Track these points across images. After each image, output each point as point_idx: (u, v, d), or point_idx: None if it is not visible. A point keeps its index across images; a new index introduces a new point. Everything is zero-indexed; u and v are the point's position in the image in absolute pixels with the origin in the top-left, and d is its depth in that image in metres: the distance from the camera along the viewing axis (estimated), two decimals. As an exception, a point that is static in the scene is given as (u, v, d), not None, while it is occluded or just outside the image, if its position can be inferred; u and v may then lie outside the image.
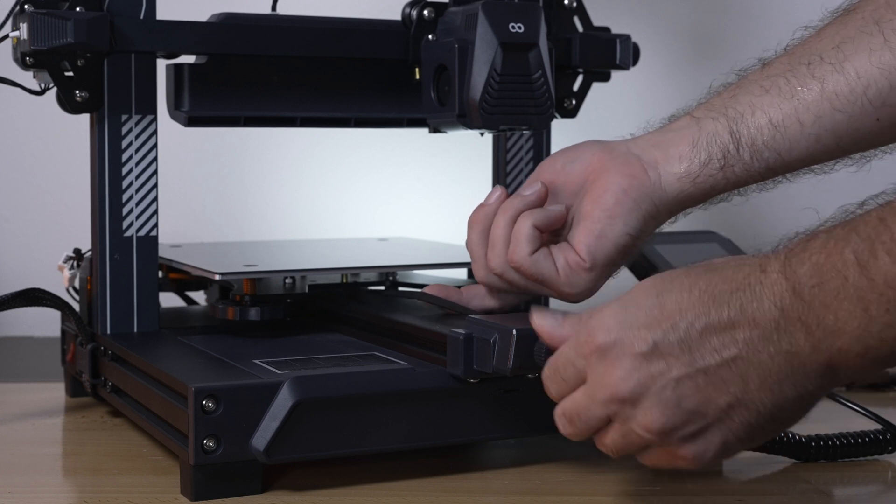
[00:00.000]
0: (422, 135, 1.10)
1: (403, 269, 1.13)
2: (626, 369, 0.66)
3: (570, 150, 0.88)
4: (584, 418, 0.70)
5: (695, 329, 0.65)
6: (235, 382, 0.80)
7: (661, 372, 0.65)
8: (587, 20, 1.13)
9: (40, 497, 0.82)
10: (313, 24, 1.03)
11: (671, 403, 0.65)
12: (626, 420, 0.67)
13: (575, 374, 0.70)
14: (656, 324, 0.66)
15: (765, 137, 0.83)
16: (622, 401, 0.67)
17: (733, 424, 0.65)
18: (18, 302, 0.99)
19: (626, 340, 0.66)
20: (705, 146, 0.84)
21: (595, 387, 0.68)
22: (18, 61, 0.96)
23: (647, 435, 0.66)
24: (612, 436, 0.69)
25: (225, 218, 1.55)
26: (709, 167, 0.84)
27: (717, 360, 0.64)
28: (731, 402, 0.65)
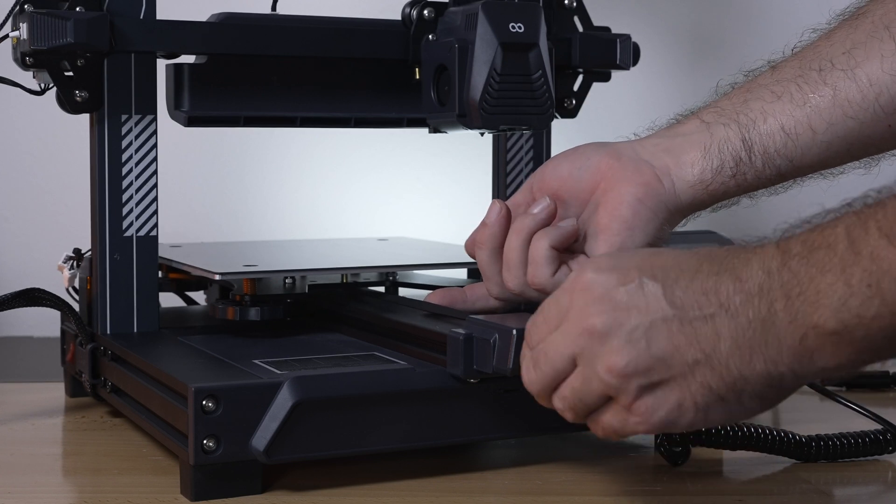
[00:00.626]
0: (422, 135, 1.10)
1: (403, 269, 1.13)
2: (606, 303, 0.65)
3: (574, 155, 0.87)
4: (551, 356, 0.68)
5: (682, 279, 0.64)
6: (235, 382, 0.80)
7: (639, 310, 0.64)
8: (587, 20, 1.13)
9: (40, 497, 0.82)
10: (313, 24, 1.03)
11: (640, 346, 0.64)
12: (590, 360, 0.66)
13: (557, 313, 0.68)
14: (648, 267, 0.66)
15: (777, 145, 0.83)
16: (591, 333, 0.65)
17: (693, 384, 0.64)
18: (18, 302, 0.99)
19: (613, 276, 0.66)
20: (717, 153, 0.83)
21: (570, 322, 0.67)
22: (18, 61, 0.96)
23: (608, 377, 0.65)
24: (570, 382, 0.68)
25: (225, 218, 1.55)
26: (721, 174, 0.84)
27: (695, 313, 0.63)
28: (699, 359, 0.63)
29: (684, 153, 0.84)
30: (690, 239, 1.05)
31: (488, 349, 0.80)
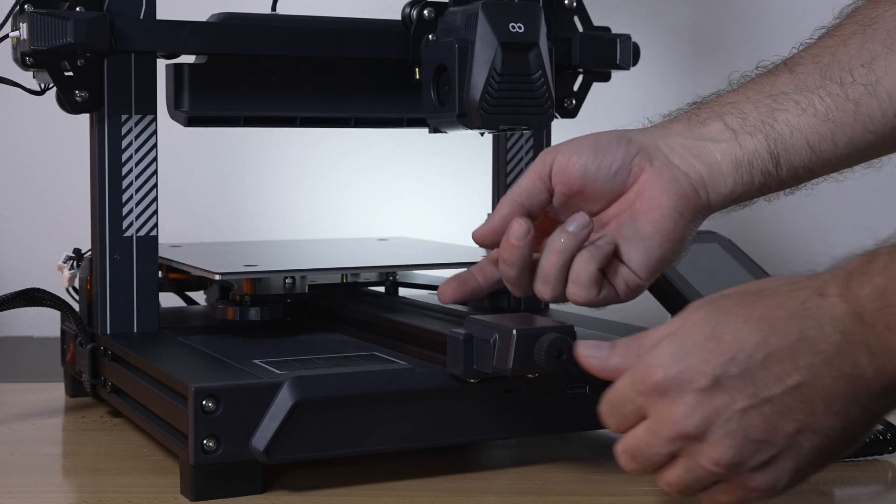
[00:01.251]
0: (422, 135, 1.10)
1: (403, 269, 1.13)
2: (689, 405, 0.65)
3: (596, 148, 0.83)
4: (647, 455, 0.68)
5: (755, 360, 0.64)
6: (235, 382, 0.80)
7: (726, 405, 0.65)
8: (587, 20, 1.13)
9: (40, 497, 0.82)
10: (313, 24, 1.03)
11: (738, 435, 0.65)
12: (692, 455, 0.66)
13: (634, 411, 0.69)
14: (715, 357, 0.65)
15: (802, 159, 0.84)
16: (688, 437, 0.66)
17: (803, 450, 0.65)
18: (18, 302, 0.99)
19: (685, 376, 0.65)
20: (748, 168, 0.83)
21: (658, 424, 0.67)
22: (18, 61, 0.96)
23: (717, 469, 0.66)
24: (676, 472, 0.68)
25: (225, 218, 1.55)
26: (750, 187, 0.84)
27: (780, 389, 0.64)
28: (799, 428, 0.64)
29: (716, 164, 0.83)
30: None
31: (488, 349, 0.80)
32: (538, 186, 0.84)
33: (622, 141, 0.83)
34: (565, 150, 0.84)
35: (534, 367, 0.79)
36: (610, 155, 0.83)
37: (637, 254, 0.82)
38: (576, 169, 0.83)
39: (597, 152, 0.83)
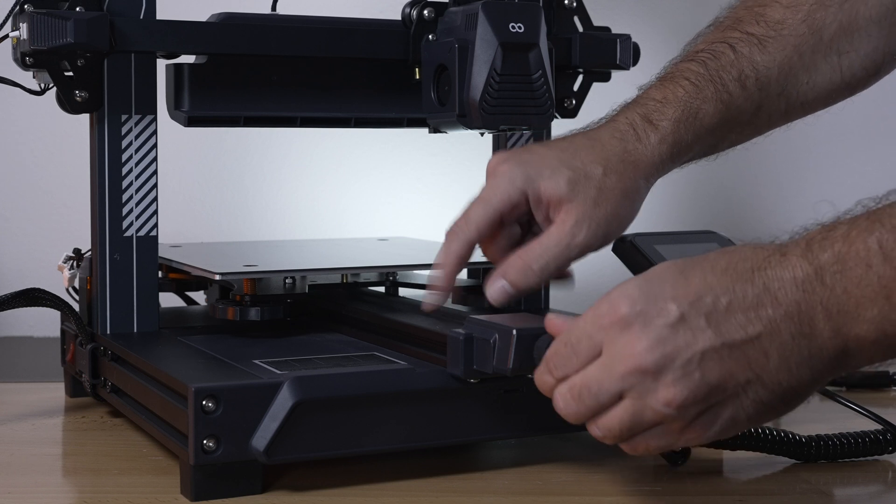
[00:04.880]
0: (422, 135, 1.10)
1: (403, 269, 1.13)
2: (652, 340, 0.65)
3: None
4: (594, 392, 0.68)
5: (721, 304, 0.65)
6: (235, 382, 0.80)
7: (688, 344, 0.65)
8: (587, 20, 1.13)
9: (40, 497, 0.82)
10: (313, 24, 1.03)
11: (695, 377, 0.65)
12: (642, 395, 0.66)
13: (590, 347, 0.68)
14: (682, 296, 0.66)
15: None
16: (644, 372, 0.66)
17: (746, 401, 0.66)
18: (18, 302, 0.99)
19: (651, 311, 0.66)
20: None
21: (614, 359, 0.67)
22: (18, 61, 0.96)
23: (665, 409, 0.66)
24: (619, 414, 0.68)
25: (225, 218, 1.55)
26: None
27: (741, 336, 0.65)
28: (750, 379, 0.65)
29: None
30: (690, 239, 1.05)
31: (488, 349, 0.80)
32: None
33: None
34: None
35: (534, 367, 0.79)
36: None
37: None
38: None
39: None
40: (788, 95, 0.91)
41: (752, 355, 0.65)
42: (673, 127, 0.87)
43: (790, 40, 0.90)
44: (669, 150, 0.86)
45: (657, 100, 0.88)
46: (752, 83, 0.89)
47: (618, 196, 0.84)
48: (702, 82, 0.88)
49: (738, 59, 0.89)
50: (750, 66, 0.89)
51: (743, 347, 0.65)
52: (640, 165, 0.85)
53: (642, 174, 0.86)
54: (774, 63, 0.89)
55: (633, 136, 0.86)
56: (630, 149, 0.86)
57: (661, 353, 0.65)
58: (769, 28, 0.90)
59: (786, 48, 0.90)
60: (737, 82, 0.88)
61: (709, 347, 0.65)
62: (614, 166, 0.85)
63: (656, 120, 0.87)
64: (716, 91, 0.88)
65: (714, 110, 0.88)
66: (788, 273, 0.64)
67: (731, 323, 0.65)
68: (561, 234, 0.83)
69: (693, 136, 0.87)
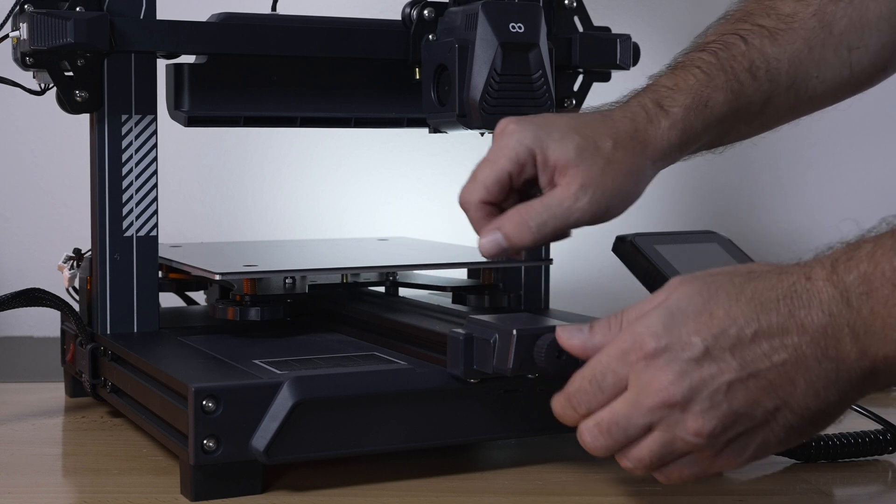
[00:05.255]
0: (422, 135, 1.10)
1: (403, 269, 1.13)
2: (677, 373, 0.66)
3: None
4: (622, 427, 0.68)
5: (745, 335, 0.65)
6: (235, 382, 0.80)
7: (713, 376, 0.65)
8: (587, 20, 1.13)
9: (40, 497, 0.82)
10: (313, 24, 1.03)
11: (722, 407, 0.65)
12: (671, 427, 0.67)
13: (615, 383, 0.69)
14: (706, 329, 0.66)
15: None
16: (672, 406, 0.66)
17: (776, 426, 0.66)
18: (18, 302, 0.99)
19: (676, 346, 0.66)
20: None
21: (640, 394, 0.67)
22: (18, 61, 0.96)
23: (695, 440, 0.66)
24: (649, 446, 0.68)
25: (225, 218, 1.55)
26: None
27: (766, 365, 0.65)
28: (778, 405, 0.65)
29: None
30: (690, 239, 1.05)
31: (488, 349, 0.80)
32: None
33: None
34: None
35: (534, 367, 0.79)
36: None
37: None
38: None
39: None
40: (798, 89, 0.91)
41: (778, 383, 0.65)
42: (683, 113, 0.86)
43: (801, 33, 0.90)
44: (679, 136, 0.86)
45: (668, 87, 0.88)
46: (763, 74, 0.89)
47: (624, 171, 0.83)
48: (713, 71, 0.88)
49: (749, 50, 0.89)
50: (761, 58, 0.89)
51: (769, 376, 0.65)
52: (649, 147, 0.85)
53: (650, 156, 0.85)
54: (785, 55, 0.89)
55: (645, 118, 0.86)
56: (640, 129, 0.85)
57: (688, 386, 0.66)
58: (780, 21, 0.90)
59: (796, 41, 0.90)
60: (747, 72, 0.88)
61: (735, 378, 0.65)
62: (624, 142, 0.84)
63: (667, 106, 0.86)
64: (726, 80, 0.88)
65: (724, 99, 0.87)
66: (815, 297, 0.64)
67: (756, 352, 0.65)
68: (564, 195, 0.82)
69: (702, 124, 0.87)
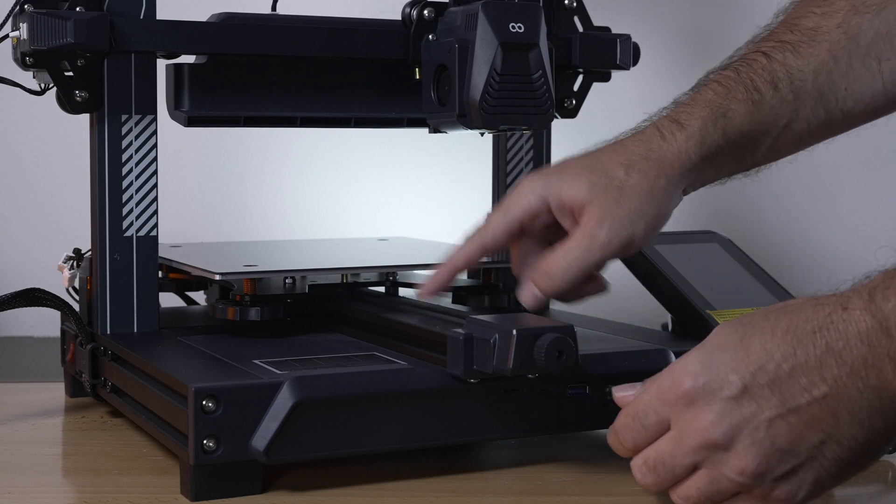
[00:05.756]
0: (422, 135, 1.10)
1: (403, 269, 1.13)
2: (717, 413, 0.66)
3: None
4: (668, 466, 0.69)
5: (783, 370, 0.65)
6: (235, 382, 0.80)
7: (753, 414, 0.65)
8: (587, 20, 1.13)
9: (40, 497, 0.82)
10: (313, 24, 1.03)
11: (765, 444, 0.65)
12: (716, 465, 0.67)
13: (657, 422, 0.69)
14: (744, 366, 0.66)
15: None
16: (714, 446, 0.66)
17: (825, 461, 0.66)
18: (18, 302, 0.99)
19: (714, 385, 0.66)
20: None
21: (683, 433, 0.67)
22: (18, 61, 0.96)
23: (741, 479, 0.66)
24: (697, 484, 0.68)
25: (225, 218, 1.55)
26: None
27: (807, 399, 0.65)
28: (823, 439, 0.65)
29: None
30: (690, 239, 1.05)
31: (488, 349, 0.80)
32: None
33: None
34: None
35: (534, 367, 0.79)
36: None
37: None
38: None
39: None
40: (827, 102, 0.89)
41: (820, 416, 0.65)
42: (700, 125, 0.86)
43: (825, 45, 0.88)
44: (697, 147, 0.85)
45: (685, 103, 0.88)
46: (786, 86, 0.88)
47: (641, 194, 0.83)
48: (732, 85, 0.87)
49: (771, 64, 0.88)
50: (783, 70, 0.88)
51: (810, 410, 0.65)
52: (665, 163, 0.85)
53: (668, 172, 0.85)
54: (809, 67, 0.88)
55: (658, 136, 0.86)
56: (654, 148, 0.85)
57: (729, 425, 0.66)
58: (803, 34, 0.89)
59: (820, 53, 0.88)
60: (769, 84, 0.87)
61: (775, 415, 0.65)
62: (637, 165, 0.84)
63: (683, 120, 0.86)
64: (746, 92, 0.87)
65: (745, 110, 0.87)
66: (853, 328, 0.64)
67: (796, 387, 0.65)
68: (582, 234, 0.83)
69: (721, 135, 0.86)
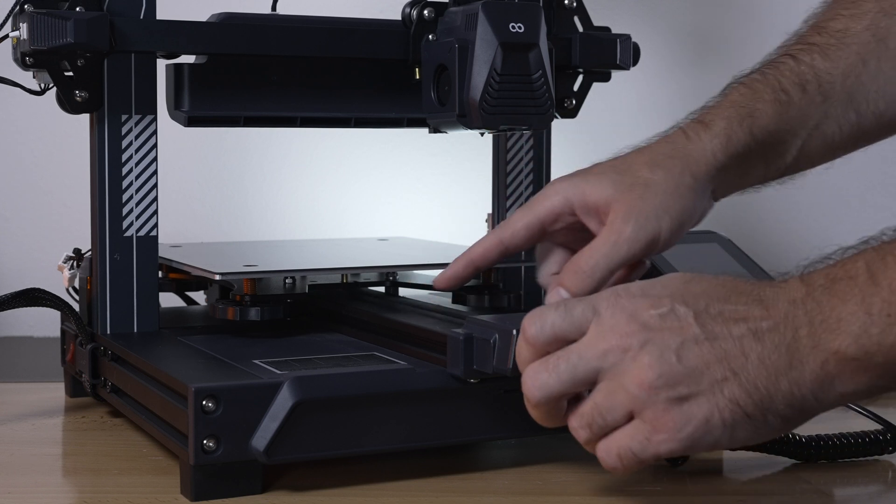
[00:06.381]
0: (422, 135, 1.10)
1: (403, 269, 1.13)
2: (638, 323, 0.68)
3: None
4: (573, 363, 0.70)
5: (713, 308, 0.68)
6: (235, 382, 0.80)
7: (671, 330, 0.67)
8: (587, 20, 1.13)
9: (40, 497, 0.82)
10: (313, 24, 1.03)
11: (670, 361, 0.67)
12: (618, 375, 0.68)
13: (580, 318, 0.70)
14: (679, 294, 0.69)
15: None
16: (624, 350, 0.68)
17: (722, 399, 0.66)
18: (18, 302, 0.99)
19: (645, 302, 0.69)
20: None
21: (599, 335, 0.69)
22: (18, 61, 0.96)
23: (637, 390, 0.67)
24: (593, 397, 0.69)
25: (225, 218, 1.55)
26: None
27: (724, 334, 0.67)
28: (727, 375, 0.66)
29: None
30: (690, 239, 1.05)
31: (488, 349, 0.80)
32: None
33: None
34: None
35: (534, 367, 0.79)
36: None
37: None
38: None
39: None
40: (857, 104, 0.89)
41: (731, 353, 0.66)
42: (725, 124, 0.86)
43: (853, 48, 0.88)
44: (723, 146, 0.85)
45: (711, 106, 0.88)
46: (814, 87, 0.88)
47: (666, 190, 0.83)
48: (758, 86, 0.87)
49: (799, 66, 0.88)
50: (811, 72, 0.88)
51: (724, 345, 0.67)
52: (691, 161, 0.85)
53: (694, 170, 0.84)
54: (838, 70, 0.88)
55: (683, 136, 0.86)
56: (679, 146, 0.85)
57: (644, 336, 0.68)
58: (831, 37, 0.89)
59: (849, 56, 0.88)
60: (797, 86, 0.87)
61: (690, 337, 0.67)
62: (661, 163, 0.84)
63: (708, 120, 0.86)
64: (773, 93, 0.87)
65: (772, 111, 0.86)
66: (784, 292, 0.67)
67: (718, 322, 0.67)
68: (609, 232, 0.83)
69: (748, 134, 0.86)
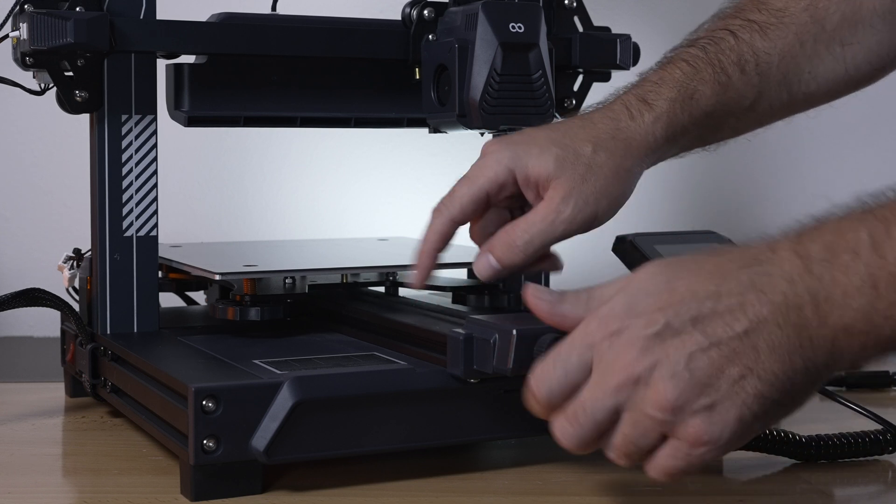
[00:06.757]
0: (422, 135, 1.10)
1: (403, 269, 1.13)
2: (639, 350, 0.65)
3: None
4: (590, 411, 0.67)
5: (706, 307, 0.65)
6: (235, 382, 0.80)
7: (676, 347, 0.65)
8: (587, 20, 1.13)
9: (40, 497, 0.82)
10: (313, 24, 1.04)
11: (684, 377, 0.64)
12: (637, 405, 0.66)
13: (579, 366, 0.68)
14: (668, 306, 0.66)
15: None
16: (635, 382, 0.65)
17: (747, 397, 0.65)
18: (18, 302, 0.99)
19: (639, 323, 0.66)
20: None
21: (605, 374, 0.66)
22: (18, 61, 0.96)
23: (660, 414, 0.65)
24: (621, 430, 0.67)
25: (225, 218, 1.55)
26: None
27: (728, 334, 0.64)
28: (744, 373, 0.64)
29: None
30: (690, 239, 1.05)
31: (488, 349, 0.80)
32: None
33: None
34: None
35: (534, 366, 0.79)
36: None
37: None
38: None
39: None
40: (790, 85, 0.90)
41: (741, 351, 0.64)
42: (668, 106, 0.86)
43: (792, 28, 0.90)
44: (664, 130, 0.86)
45: (653, 81, 0.88)
46: (752, 68, 0.89)
47: (607, 173, 0.83)
48: (700, 65, 0.88)
49: (739, 44, 0.89)
50: (750, 52, 0.89)
51: (731, 345, 0.64)
52: (633, 144, 0.85)
53: (634, 153, 0.85)
54: (775, 50, 0.89)
55: (627, 115, 0.86)
56: (622, 127, 0.85)
57: (649, 360, 0.65)
58: (771, 15, 0.90)
59: (787, 36, 0.89)
60: (736, 66, 0.88)
61: (696, 349, 0.65)
62: (605, 144, 0.84)
63: (651, 100, 0.86)
64: (714, 73, 0.88)
65: (711, 92, 0.87)
66: (777, 267, 0.64)
67: (718, 323, 0.65)
68: (547, 209, 0.82)
69: (689, 117, 0.87)
